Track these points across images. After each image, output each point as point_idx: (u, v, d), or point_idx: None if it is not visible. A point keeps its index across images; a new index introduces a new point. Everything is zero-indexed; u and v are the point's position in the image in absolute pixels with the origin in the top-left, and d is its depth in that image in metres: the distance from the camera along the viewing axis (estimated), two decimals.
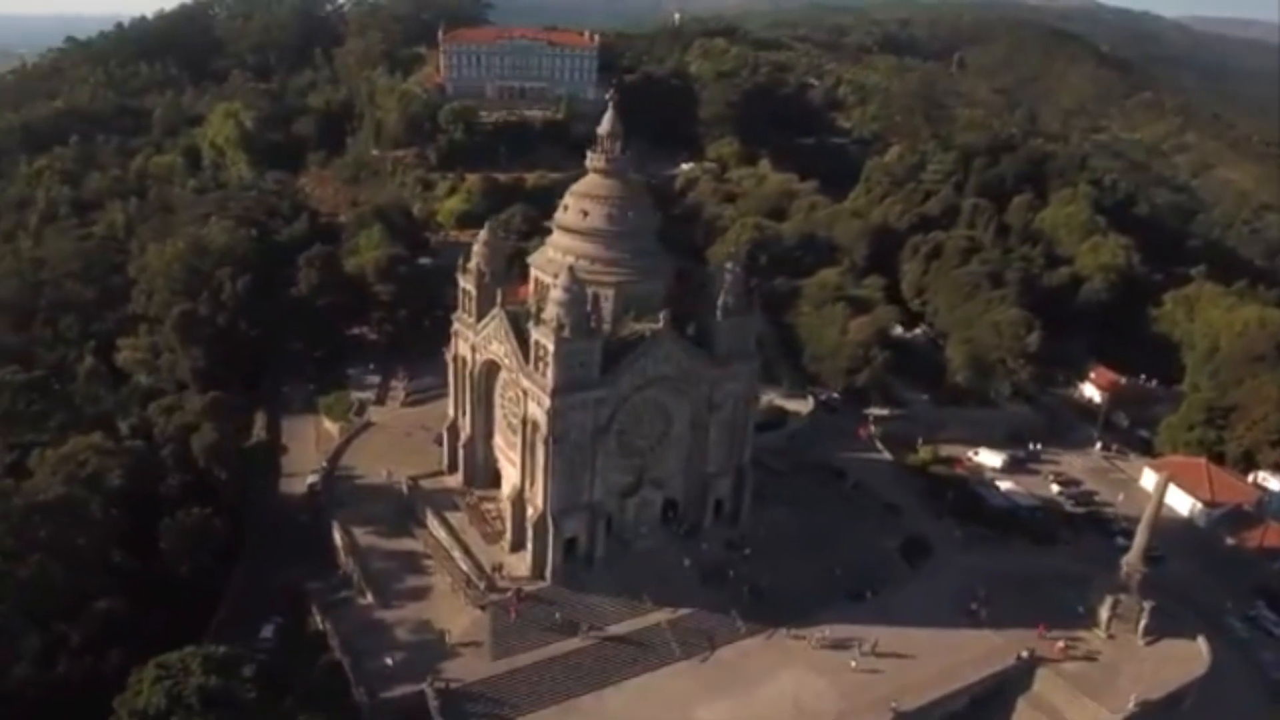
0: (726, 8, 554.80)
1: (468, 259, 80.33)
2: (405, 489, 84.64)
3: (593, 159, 74.82)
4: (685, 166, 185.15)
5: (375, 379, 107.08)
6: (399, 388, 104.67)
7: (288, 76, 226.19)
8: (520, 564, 74.30)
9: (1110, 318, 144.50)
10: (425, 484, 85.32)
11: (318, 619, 72.85)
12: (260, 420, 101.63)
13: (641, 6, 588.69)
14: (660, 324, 71.72)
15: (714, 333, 74.88)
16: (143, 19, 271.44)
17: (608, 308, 72.88)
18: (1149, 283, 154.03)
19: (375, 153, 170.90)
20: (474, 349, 79.95)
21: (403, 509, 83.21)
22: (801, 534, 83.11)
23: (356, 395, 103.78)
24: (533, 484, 72.94)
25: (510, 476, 78.45)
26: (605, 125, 74.45)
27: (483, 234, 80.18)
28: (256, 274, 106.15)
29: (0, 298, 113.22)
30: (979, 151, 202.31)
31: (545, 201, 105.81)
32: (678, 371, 74.25)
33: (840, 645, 71.63)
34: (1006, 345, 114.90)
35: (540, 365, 69.29)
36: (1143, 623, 75.40)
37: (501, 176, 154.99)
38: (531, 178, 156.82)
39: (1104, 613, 76.10)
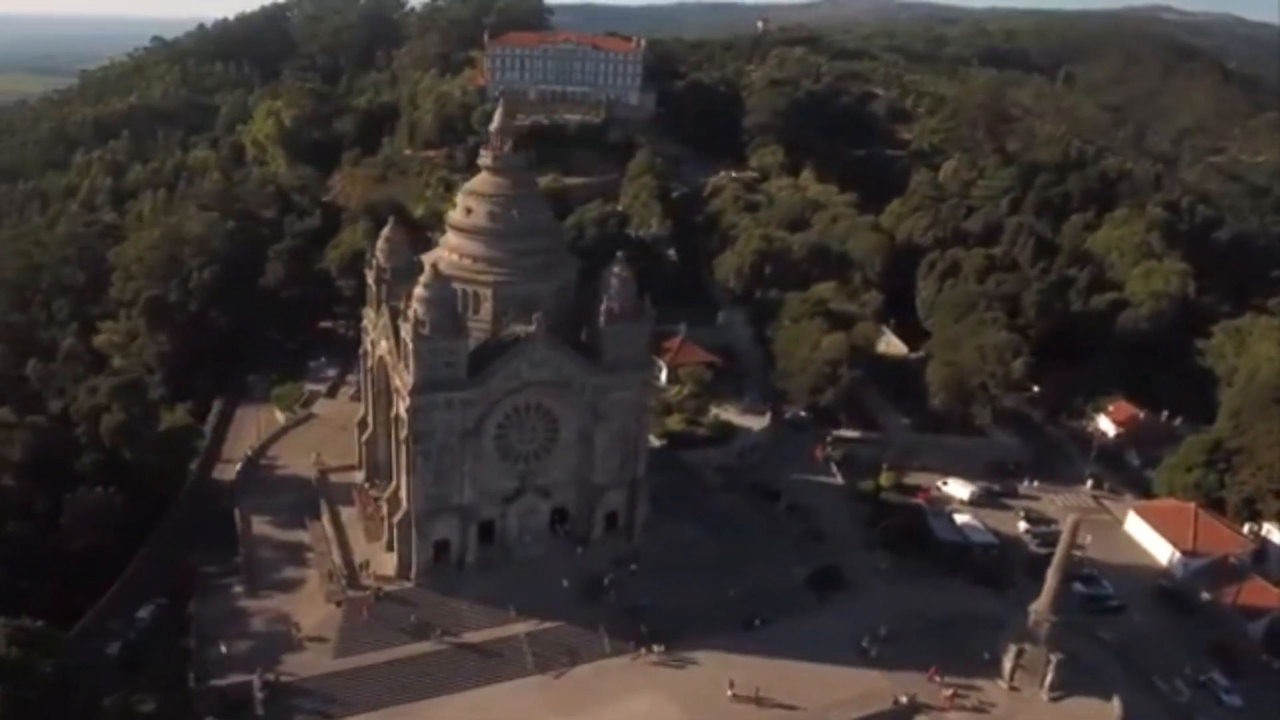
0: (832, 20, 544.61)
1: (373, 254, 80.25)
2: (314, 480, 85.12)
3: (482, 156, 73.60)
4: (720, 175, 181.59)
5: (332, 372, 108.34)
6: (351, 381, 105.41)
7: (354, 78, 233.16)
8: (389, 562, 73.45)
9: (1153, 347, 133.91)
10: (336, 477, 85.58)
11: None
12: (216, 407, 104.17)
13: (741, 18, 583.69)
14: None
15: (599, 339, 72.48)
16: (224, 21, 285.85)
17: (487, 308, 71.48)
18: (1210, 313, 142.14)
19: (407, 152, 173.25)
20: (372, 345, 79.78)
21: (308, 500, 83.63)
22: (704, 554, 79.67)
23: (311, 387, 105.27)
24: (402, 483, 72.02)
25: None
26: (496, 122, 73.11)
27: (385, 230, 79.92)
28: (228, 264, 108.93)
29: (8, 278, 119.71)
30: (1044, 168, 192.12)
31: (556, 204, 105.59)
32: (556, 376, 72.07)
33: (674, 665, 68.88)
34: (990, 370, 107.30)
35: (406, 362, 68.40)
36: (1049, 676, 69.12)
37: None
38: (545, 180, 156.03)
39: (1007, 662, 70.18)
